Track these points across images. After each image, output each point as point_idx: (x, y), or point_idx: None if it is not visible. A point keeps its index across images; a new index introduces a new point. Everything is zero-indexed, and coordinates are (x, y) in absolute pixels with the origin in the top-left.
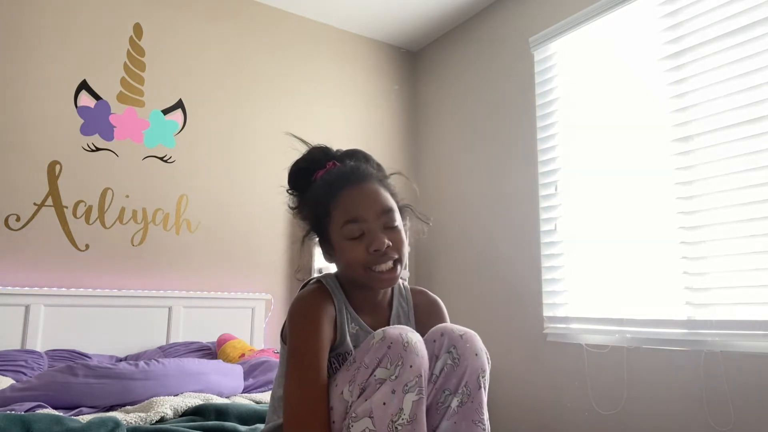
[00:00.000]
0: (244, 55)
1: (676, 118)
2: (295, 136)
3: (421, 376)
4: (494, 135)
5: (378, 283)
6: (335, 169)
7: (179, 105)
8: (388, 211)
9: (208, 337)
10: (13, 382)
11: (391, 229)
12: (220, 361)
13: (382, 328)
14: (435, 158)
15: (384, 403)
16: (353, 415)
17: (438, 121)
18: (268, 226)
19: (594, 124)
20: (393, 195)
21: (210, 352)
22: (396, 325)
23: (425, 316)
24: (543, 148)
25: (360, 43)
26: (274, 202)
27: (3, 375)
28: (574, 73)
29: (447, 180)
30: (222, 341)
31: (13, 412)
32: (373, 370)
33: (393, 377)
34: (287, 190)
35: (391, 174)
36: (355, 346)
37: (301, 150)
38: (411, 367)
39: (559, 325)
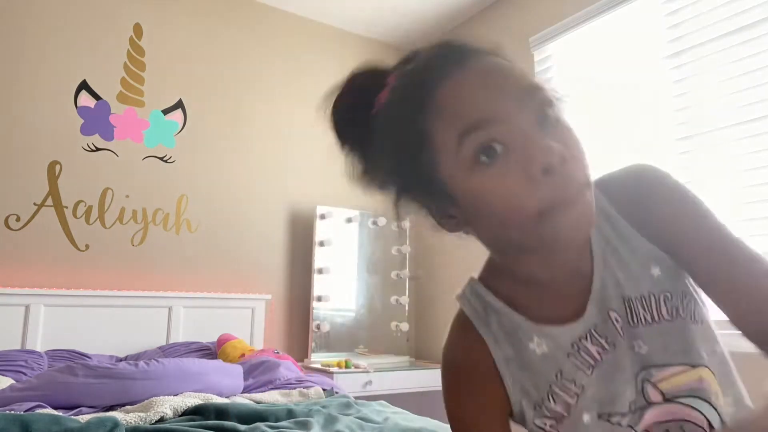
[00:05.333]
0: (244, 55)
1: (677, 118)
2: None
3: None
4: None
5: (568, 231)
6: (412, 65)
7: (179, 105)
8: (537, 89)
9: (208, 337)
10: (13, 382)
11: (553, 122)
12: (220, 361)
13: None
14: None
15: None
16: None
17: None
18: (268, 226)
19: (594, 125)
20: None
21: (210, 352)
22: None
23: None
24: None
25: (360, 42)
26: (274, 202)
27: (3, 375)
28: (574, 73)
29: None
30: (222, 341)
31: (12, 412)
32: None
33: None
34: (341, 149)
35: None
36: (554, 374)
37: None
38: None
39: None
